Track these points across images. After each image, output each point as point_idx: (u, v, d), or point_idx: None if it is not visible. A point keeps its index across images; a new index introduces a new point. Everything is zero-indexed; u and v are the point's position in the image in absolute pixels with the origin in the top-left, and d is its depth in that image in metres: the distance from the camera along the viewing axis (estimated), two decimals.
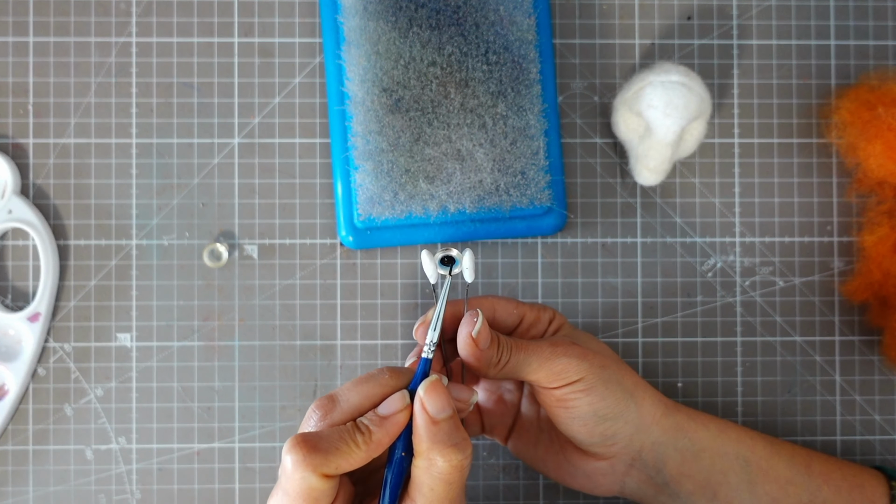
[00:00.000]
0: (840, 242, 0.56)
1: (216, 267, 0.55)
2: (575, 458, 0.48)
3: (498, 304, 0.47)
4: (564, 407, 0.45)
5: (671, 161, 0.53)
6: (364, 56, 0.51)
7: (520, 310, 0.47)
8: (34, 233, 0.53)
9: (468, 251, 0.44)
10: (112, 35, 0.55)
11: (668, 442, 0.47)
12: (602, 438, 0.46)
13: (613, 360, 0.47)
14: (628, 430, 0.46)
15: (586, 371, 0.44)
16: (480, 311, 0.44)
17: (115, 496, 0.54)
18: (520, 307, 0.47)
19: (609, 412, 0.45)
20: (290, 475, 0.39)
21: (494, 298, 0.47)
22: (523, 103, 0.52)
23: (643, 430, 0.47)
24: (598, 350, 0.48)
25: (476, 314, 0.43)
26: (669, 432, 0.47)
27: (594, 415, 0.45)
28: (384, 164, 0.51)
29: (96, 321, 0.55)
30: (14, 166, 0.54)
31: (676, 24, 0.56)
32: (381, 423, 0.41)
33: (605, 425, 0.46)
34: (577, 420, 0.45)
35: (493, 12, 0.52)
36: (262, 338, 0.55)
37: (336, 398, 0.42)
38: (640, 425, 0.47)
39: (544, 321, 0.48)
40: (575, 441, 0.47)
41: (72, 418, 0.54)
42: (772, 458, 0.49)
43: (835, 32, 0.57)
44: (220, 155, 0.55)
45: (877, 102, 0.52)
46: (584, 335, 0.49)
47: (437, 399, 0.41)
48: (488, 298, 0.47)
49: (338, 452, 0.39)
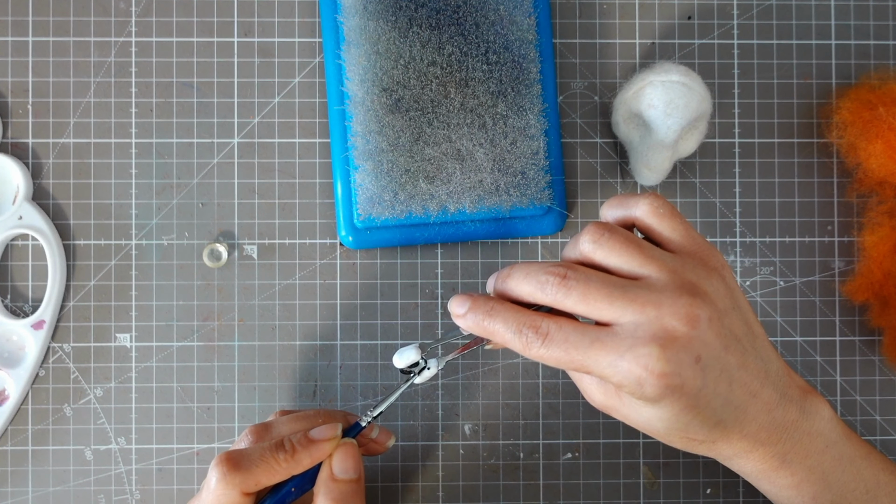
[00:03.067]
0: (841, 242, 0.56)
1: (216, 267, 0.54)
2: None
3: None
4: (616, 407, 0.41)
5: (671, 161, 0.52)
6: (364, 56, 0.51)
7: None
8: (44, 240, 0.53)
9: (434, 362, 0.44)
10: (111, 34, 0.55)
11: (760, 474, 0.43)
12: (656, 435, 0.42)
13: (734, 348, 0.39)
14: (704, 449, 0.42)
15: (659, 395, 0.38)
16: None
17: (115, 496, 0.54)
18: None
19: (679, 433, 0.40)
20: (211, 490, 0.41)
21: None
22: (523, 103, 0.52)
23: (727, 457, 0.42)
24: (715, 327, 0.39)
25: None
26: (764, 469, 0.43)
27: (652, 427, 0.40)
28: (384, 163, 0.51)
29: (96, 321, 0.54)
30: (27, 172, 0.54)
31: (677, 23, 0.56)
32: (307, 444, 0.42)
33: (663, 436, 0.41)
34: (629, 418, 0.41)
35: (493, 12, 0.52)
36: (262, 338, 0.55)
37: (270, 426, 0.45)
38: (724, 454, 0.42)
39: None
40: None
41: (71, 418, 0.54)
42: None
43: (835, 32, 0.56)
44: (219, 154, 0.55)
45: (877, 102, 0.52)
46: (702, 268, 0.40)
47: (344, 460, 0.42)
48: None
49: (259, 468, 0.41)
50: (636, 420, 0.41)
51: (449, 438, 0.55)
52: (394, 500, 0.55)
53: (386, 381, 0.55)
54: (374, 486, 0.55)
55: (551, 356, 0.38)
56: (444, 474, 0.55)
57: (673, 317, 0.37)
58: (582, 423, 0.55)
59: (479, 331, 0.41)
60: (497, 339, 0.40)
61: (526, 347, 0.39)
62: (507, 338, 0.40)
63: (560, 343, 0.38)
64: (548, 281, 0.39)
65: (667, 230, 0.41)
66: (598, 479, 0.55)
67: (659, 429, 0.40)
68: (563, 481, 0.55)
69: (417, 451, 0.55)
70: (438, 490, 0.55)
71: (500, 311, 0.40)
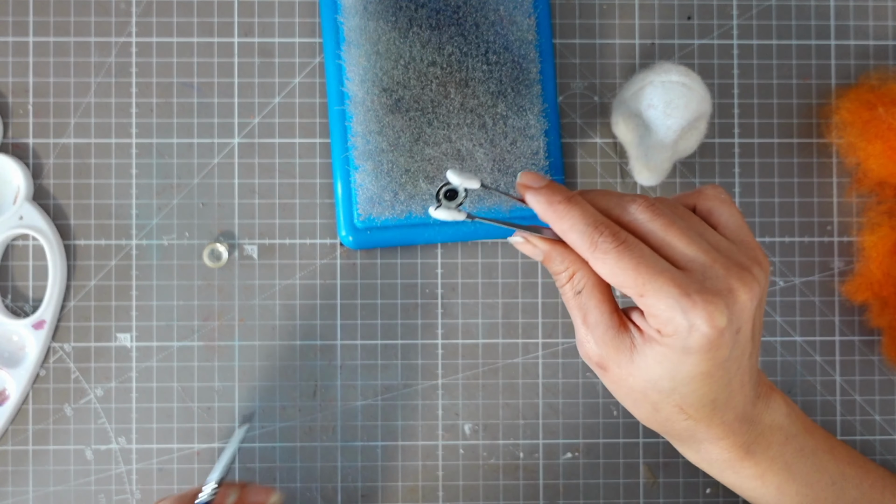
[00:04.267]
0: (840, 242, 0.56)
1: (216, 267, 0.55)
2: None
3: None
4: (610, 360, 0.40)
5: (671, 161, 0.53)
6: (364, 56, 0.51)
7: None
8: (44, 240, 0.53)
9: (448, 172, 0.41)
10: (112, 35, 0.55)
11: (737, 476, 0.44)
12: (640, 408, 0.41)
13: (749, 340, 0.40)
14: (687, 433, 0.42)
15: (699, 348, 0.37)
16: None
17: (115, 496, 0.54)
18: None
19: (675, 402, 0.40)
20: None
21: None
22: (523, 103, 0.52)
23: (698, 440, 0.43)
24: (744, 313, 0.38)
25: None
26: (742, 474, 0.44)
27: (654, 387, 0.39)
28: (384, 164, 0.51)
29: (96, 321, 0.55)
30: (27, 172, 0.54)
31: (676, 23, 0.56)
32: None
33: (655, 402, 0.40)
34: (621, 377, 0.40)
35: (493, 12, 0.52)
36: (262, 338, 0.55)
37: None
38: (698, 437, 0.42)
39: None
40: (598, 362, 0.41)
41: (72, 418, 0.54)
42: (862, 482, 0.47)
43: (835, 32, 0.57)
44: (220, 155, 0.55)
45: (877, 102, 0.52)
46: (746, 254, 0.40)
47: None
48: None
49: None
50: (632, 379, 0.39)
51: (449, 438, 0.55)
52: (394, 499, 0.55)
53: (386, 382, 0.55)
54: (374, 486, 0.55)
55: (618, 265, 0.37)
56: (444, 474, 0.55)
57: (739, 281, 0.37)
58: (582, 423, 0.55)
59: (548, 213, 0.39)
60: (564, 227, 0.38)
61: (593, 246, 0.37)
62: (579, 229, 0.38)
63: (634, 256, 0.37)
64: (633, 199, 0.39)
65: (725, 214, 0.41)
66: (598, 479, 0.55)
67: (659, 391, 0.39)
68: (563, 481, 0.55)
69: (417, 451, 0.55)
70: (438, 490, 0.55)
71: (581, 202, 0.39)
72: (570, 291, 0.40)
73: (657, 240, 0.38)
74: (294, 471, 0.55)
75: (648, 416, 0.41)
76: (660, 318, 0.37)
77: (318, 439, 0.55)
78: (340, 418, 0.55)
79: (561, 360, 0.55)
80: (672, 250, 0.38)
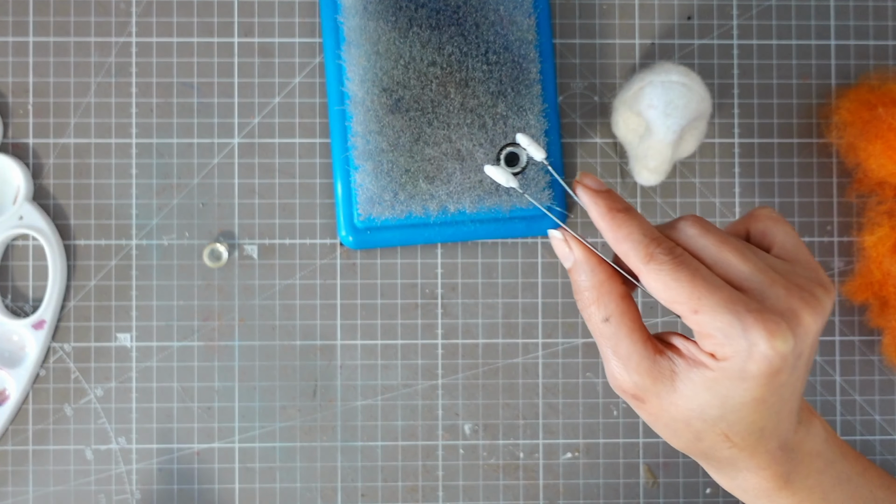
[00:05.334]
0: (840, 242, 0.56)
1: (216, 267, 0.55)
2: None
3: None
4: (649, 389, 0.36)
5: (671, 161, 0.53)
6: (364, 56, 0.51)
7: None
8: (44, 240, 0.53)
9: (519, 134, 0.38)
10: (112, 35, 0.55)
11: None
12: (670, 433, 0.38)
13: (802, 366, 0.36)
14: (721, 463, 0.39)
15: (758, 373, 0.34)
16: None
17: (115, 496, 0.54)
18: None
19: (721, 430, 0.37)
20: None
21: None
22: (523, 103, 0.52)
23: (739, 469, 0.39)
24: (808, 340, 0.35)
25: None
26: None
27: (700, 416, 0.36)
28: (384, 164, 0.51)
29: (96, 321, 0.55)
30: (27, 172, 0.54)
31: (676, 23, 0.56)
32: None
33: (698, 430, 0.37)
34: (661, 408, 0.37)
35: (493, 12, 0.52)
36: (262, 338, 0.55)
37: None
38: (739, 466, 0.39)
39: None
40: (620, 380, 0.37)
41: (72, 418, 0.54)
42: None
43: (835, 32, 0.57)
44: (220, 155, 0.55)
45: (877, 102, 0.52)
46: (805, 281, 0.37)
47: None
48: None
49: None
50: (674, 409, 0.37)
51: (449, 438, 0.55)
52: (394, 499, 0.55)
53: (386, 381, 0.55)
54: (374, 486, 0.55)
55: (673, 277, 0.35)
56: (444, 474, 0.55)
57: (801, 302, 0.35)
58: (582, 423, 0.55)
59: (606, 218, 0.37)
60: (620, 235, 0.36)
61: (648, 257, 0.35)
62: (635, 239, 0.36)
63: (690, 272, 0.34)
64: (682, 217, 0.37)
65: (780, 234, 0.38)
66: (598, 479, 0.55)
67: (705, 419, 0.36)
68: (562, 481, 0.55)
69: (417, 450, 0.55)
70: (438, 490, 0.55)
71: (640, 215, 0.36)
72: (596, 317, 0.37)
73: (710, 256, 0.36)
74: (294, 471, 0.55)
75: (688, 444, 0.39)
76: (715, 338, 0.34)
77: (318, 439, 0.55)
78: (340, 418, 0.55)
79: (561, 360, 0.55)
80: (727, 268, 0.35)
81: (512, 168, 0.39)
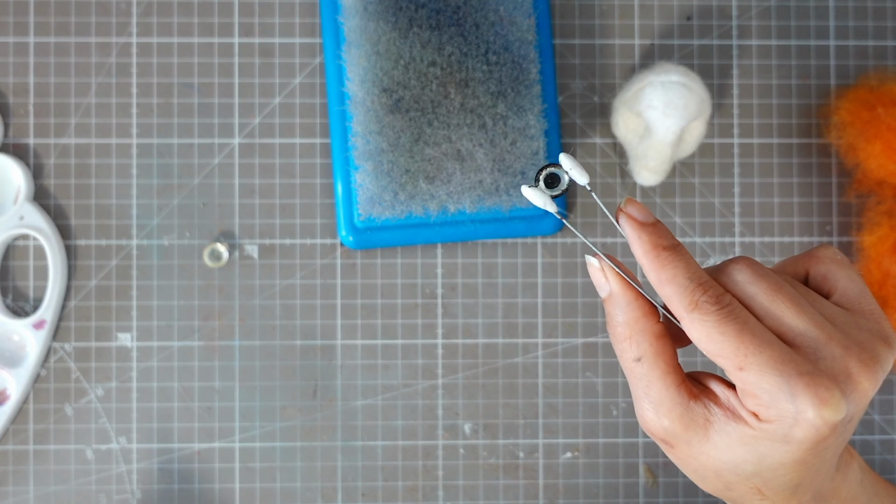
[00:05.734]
0: (840, 242, 0.56)
1: (216, 267, 0.55)
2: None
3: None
4: (680, 435, 0.34)
5: (671, 161, 0.53)
6: (364, 56, 0.51)
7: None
8: (45, 241, 0.53)
9: (562, 155, 0.36)
10: (112, 35, 0.55)
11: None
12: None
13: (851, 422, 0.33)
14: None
15: (803, 438, 0.31)
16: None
17: (116, 496, 0.54)
18: None
19: (756, 484, 0.34)
20: None
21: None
22: (523, 103, 0.52)
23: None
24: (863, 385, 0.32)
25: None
26: None
27: (732, 469, 0.34)
28: (384, 164, 0.51)
29: (97, 321, 0.55)
30: (28, 172, 0.54)
31: (676, 24, 0.56)
32: None
33: (729, 482, 0.35)
34: (691, 455, 0.35)
35: (493, 12, 0.52)
36: (262, 338, 0.55)
37: None
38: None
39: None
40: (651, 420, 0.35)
41: (72, 418, 0.54)
42: None
43: (834, 33, 0.57)
44: (220, 155, 0.55)
45: (876, 103, 0.53)
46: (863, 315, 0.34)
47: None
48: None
49: None
50: (704, 458, 0.34)
51: (449, 438, 0.55)
52: (394, 499, 0.55)
53: (386, 381, 0.55)
54: (374, 486, 0.55)
55: (718, 330, 0.32)
56: (444, 474, 0.55)
57: (859, 363, 0.32)
58: (581, 423, 0.55)
59: (649, 256, 0.34)
60: (664, 277, 0.33)
61: (692, 305, 0.32)
62: (681, 283, 0.33)
63: (738, 325, 0.32)
64: (733, 259, 0.34)
65: (843, 280, 0.35)
66: (598, 479, 0.55)
67: (738, 473, 0.34)
68: (562, 481, 0.55)
69: (417, 450, 0.55)
70: (438, 490, 0.55)
71: (687, 254, 0.33)
72: (628, 355, 0.35)
73: (761, 306, 0.33)
74: (294, 471, 0.55)
75: (717, 491, 0.36)
76: (760, 399, 0.31)
77: (318, 439, 0.55)
78: (340, 418, 0.55)
79: (561, 360, 0.55)
80: (779, 321, 0.32)
81: (551, 191, 0.36)
